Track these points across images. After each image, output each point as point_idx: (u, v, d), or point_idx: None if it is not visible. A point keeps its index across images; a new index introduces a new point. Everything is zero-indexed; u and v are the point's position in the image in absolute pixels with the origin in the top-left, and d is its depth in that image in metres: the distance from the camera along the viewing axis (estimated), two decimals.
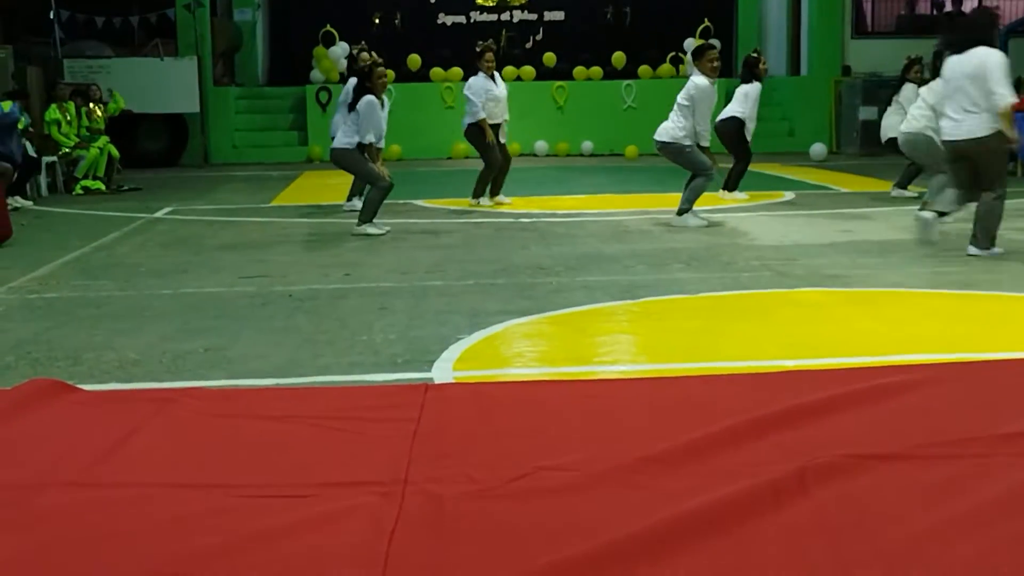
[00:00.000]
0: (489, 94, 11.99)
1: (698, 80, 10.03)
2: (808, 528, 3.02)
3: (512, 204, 12.12)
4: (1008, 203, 10.49)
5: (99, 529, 3.11)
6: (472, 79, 12.15)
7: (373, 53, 10.30)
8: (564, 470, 3.49)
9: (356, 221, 9.89)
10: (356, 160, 9.92)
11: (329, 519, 3.12)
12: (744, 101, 12.37)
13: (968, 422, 3.92)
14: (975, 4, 21.84)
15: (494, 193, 12.22)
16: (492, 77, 12.13)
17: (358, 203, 11.27)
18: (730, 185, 12.40)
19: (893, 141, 12.32)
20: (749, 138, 12.52)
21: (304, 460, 3.67)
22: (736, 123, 12.33)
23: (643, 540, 2.91)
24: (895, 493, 3.27)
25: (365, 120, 9.72)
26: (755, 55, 12.89)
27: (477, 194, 12.12)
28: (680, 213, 10.04)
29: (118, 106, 16.21)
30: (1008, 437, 3.73)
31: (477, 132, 11.99)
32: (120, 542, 3.03)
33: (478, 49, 12.28)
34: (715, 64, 10.16)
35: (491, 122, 12.01)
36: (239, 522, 3.12)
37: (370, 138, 9.77)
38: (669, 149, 10.17)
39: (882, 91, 19.32)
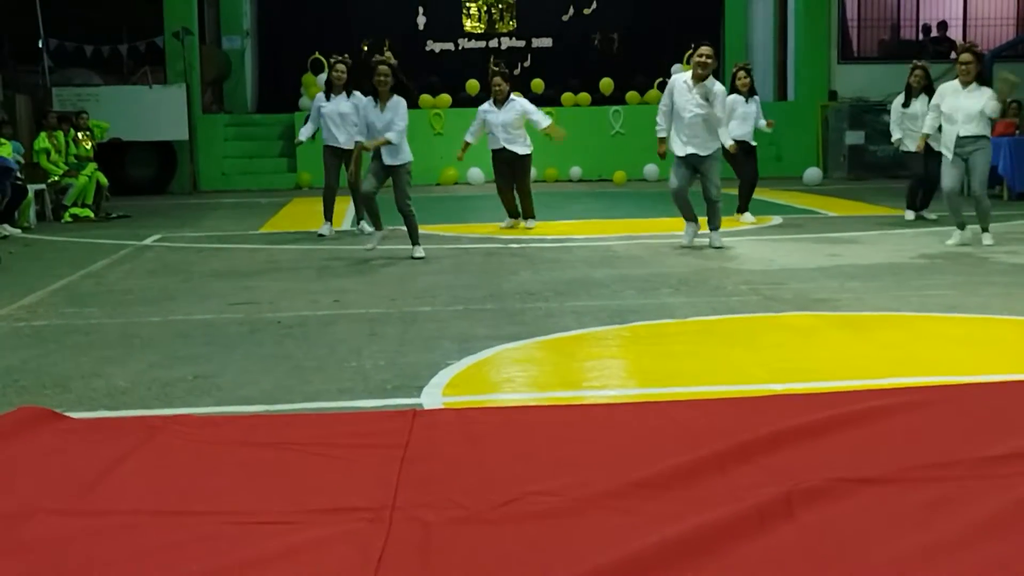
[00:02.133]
0: (485, 119, 12.19)
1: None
2: (794, 552, 3.03)
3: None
4: (997, 227, 10.62)
5: (87, 557, 3.10)
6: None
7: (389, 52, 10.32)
8: (552, 495, 3.50)
9: (412, 248, 9.98)
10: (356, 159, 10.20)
11: (317, 545, 3.12)
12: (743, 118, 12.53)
13: (954, 445, 3.94)
14: (960, 30, 22.01)
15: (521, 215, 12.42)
16: (498, 101, 12.20)
17: (366, 227, 11.30)
18: (741, 207, 12.49)
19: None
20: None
21: (293, 487, 3.66)
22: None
23: (631, 565, 2.92)
24: (881, 516, 3.28)
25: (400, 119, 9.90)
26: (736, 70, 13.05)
27: (527, 216, 12.42)
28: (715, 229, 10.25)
29: (103, 129, 16.22)
30: (993, 460, 3.74)
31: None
32: (108, 570, 3.02)
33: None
34: (700, 61, 9.96)
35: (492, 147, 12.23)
36: (228, 549, 3.12)
37: (358, 138, 10.04)
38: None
39: (868, 115, 19.51)
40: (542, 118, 12.35)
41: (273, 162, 21.03)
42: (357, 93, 11.34)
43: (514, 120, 12.18)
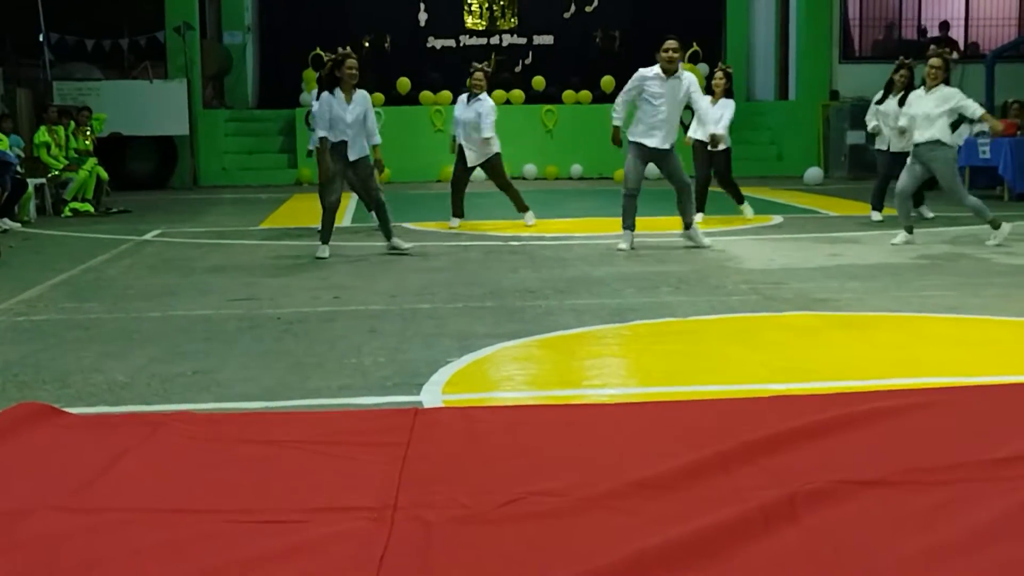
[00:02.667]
0: (456, 116, 12.37)
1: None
2: (798, 554, 3.02)
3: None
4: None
5: (86, 555, 3.09)
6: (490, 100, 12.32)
7: (348, 48, 10.20)
8: (554, 495, 3.49)
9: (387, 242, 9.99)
10: (320, 160, 9.85)
11: (319, 545, 3.11)
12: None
13: (958, 447, 3.93)
14: (961, 29, 22.00)
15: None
16: (472, 97, 12.25)
17: (401, 243, 11.33)
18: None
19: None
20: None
21: (293, 485, 3.65)
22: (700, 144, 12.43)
23: (633, 566, 2.91)
24: (884, 519, 3.26)
25: (317, 114, 9.71)
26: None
27: (520, 209, 12.46)
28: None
29: (100, 121, 16.22)
30: (998, 462, 3.73)
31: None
32: (107, 568, 3.01)
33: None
34: (666, 56, 9.89)
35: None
36: (228, 548, 3.11)
37: (321, 133, 9.67)
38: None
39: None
40: (486, 129, 12.13)
41: (273, 158, 21.03)
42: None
43: (473, 120, 12.16)
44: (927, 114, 9.77)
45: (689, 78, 10.06)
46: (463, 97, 12.39)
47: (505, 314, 6.98)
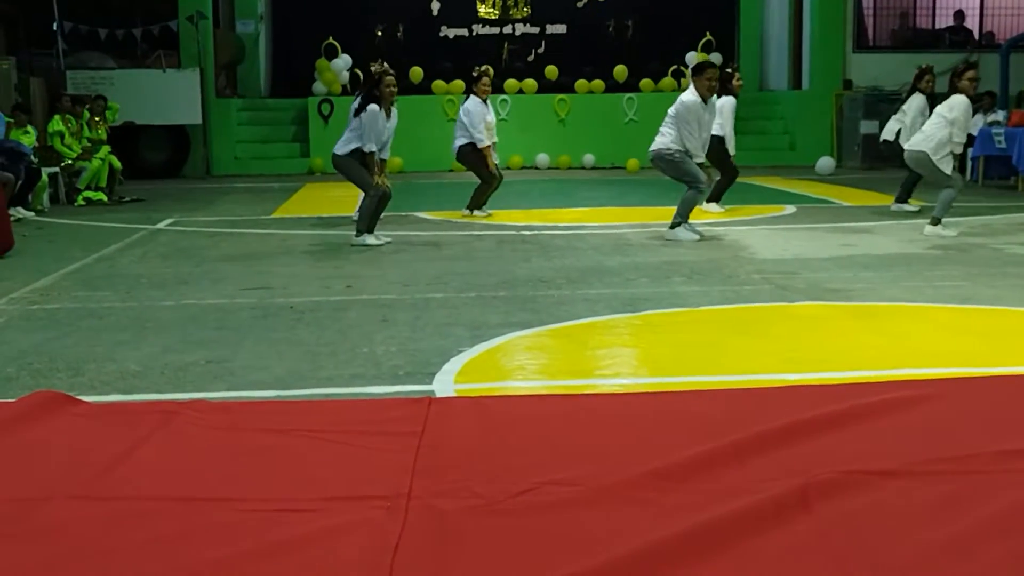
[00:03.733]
0: (486, 120, 12.11)
1: (685, 97, 10.12)
2: (810, 545, 3.02)
3: (491, 217, 12.19)
4: (1009, 217, 10.59)
5: (102, 543, 3.11)
6: (470, 104, 12.17)
7: (385, 64, 10.31)
8: (568, 485, 3.49)
9: (355, 232, 9.95)
10: (351, 166, 10.04)
11: (333, 533, 3.12)
12: (718, 116, 12.47)
13: (971, 438, 3.92)
14: (976, 18, 21.90)
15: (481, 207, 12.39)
16: (485, 101, 12.22)
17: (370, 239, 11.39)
18: (711, 197, 12.45)
19: (887, 144, 12.47)
20: (732, 152, 12.59)
21: (308, 474, 3.66)
22: (716, 139, 12.42)
23: (647, 556, 2.91)
24: (897, 510, 3.27)
25: (368, 128, 9.82)
26: (729, 71, 12.97)
27: (472, 207, 12.20)
28: (672, 227, 10.06)
29: (113, 111, 16.27)
30: (1010, 454, 3.73)
31: (471, 153, 12.11)
32: (124, 556, 3.02)
33: (475, 74, 12.34)
34: (712, 84, 10.20)
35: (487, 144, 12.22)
36: (243, 536, 3.12)
37: (371, 147, 9.85)
38: (659, 158, 10.24)
39: (883, 105, 19.42)
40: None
41: (286, 147, 21.04)
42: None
43: (492, 121, 12.39)
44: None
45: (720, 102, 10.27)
46: (476, 101, 12.26)
47: (517, 303, 6.98)
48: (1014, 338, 6.00)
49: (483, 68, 12.50)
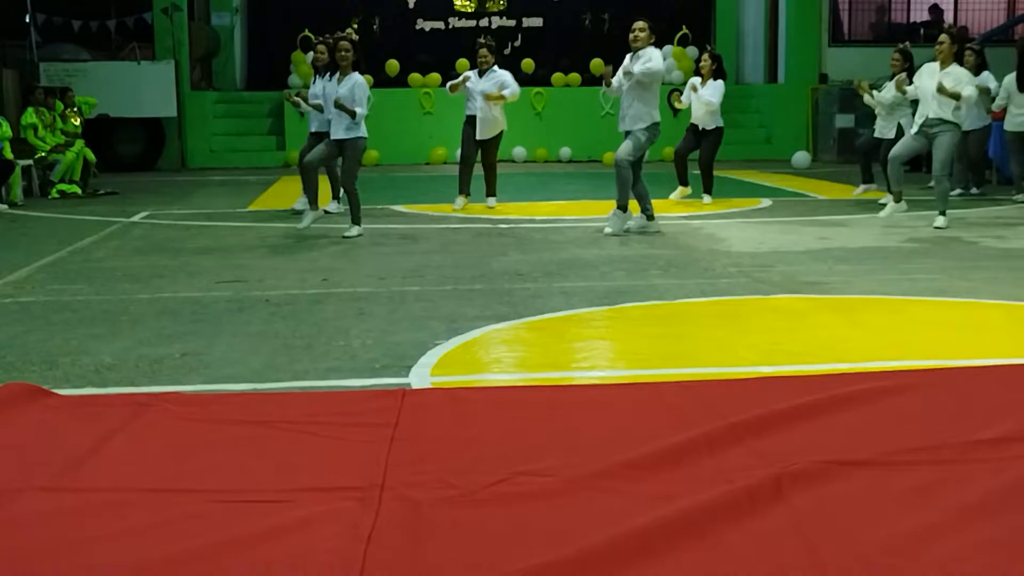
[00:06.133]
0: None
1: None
2: (784, 534, 3.03)
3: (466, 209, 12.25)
4: (986, 211, 10.66)
5: (74, 534, 3.09)
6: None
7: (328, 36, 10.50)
8: (541, 475, 3.50)
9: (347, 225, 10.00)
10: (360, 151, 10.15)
11: (306, 524, 3.11)
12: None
13: (943, 428, 3.95)
14: (951, 13, 22.00)
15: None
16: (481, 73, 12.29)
17: (333, 206, 11.40)
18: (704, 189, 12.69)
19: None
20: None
21: (281, 465, 3.65)
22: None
23: (620, 546, 2.92)
24: (871, 499, 3.28)
25: (361, 96, 9.87)
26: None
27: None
28: (650, 217, 10.16)
29: (90, 105, 16.16)
30: (982, 443, 3.75)
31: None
32: (95, 547, 3.01)
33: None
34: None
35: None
36: (216, 527, 3.11)
37: (362, 111, 9.90)
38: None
39: (858, 99, 19.48)
40: (511, 94, 12.29)
41: (262, 140, 20.95)
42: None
43: (492, 89, 12.24)
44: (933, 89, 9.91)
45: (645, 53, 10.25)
46: (473, 74, 12.32)
47: (494, 296, 6.98)
48: (988, 331, 6.03)
49: (483, 40, 12.64)
